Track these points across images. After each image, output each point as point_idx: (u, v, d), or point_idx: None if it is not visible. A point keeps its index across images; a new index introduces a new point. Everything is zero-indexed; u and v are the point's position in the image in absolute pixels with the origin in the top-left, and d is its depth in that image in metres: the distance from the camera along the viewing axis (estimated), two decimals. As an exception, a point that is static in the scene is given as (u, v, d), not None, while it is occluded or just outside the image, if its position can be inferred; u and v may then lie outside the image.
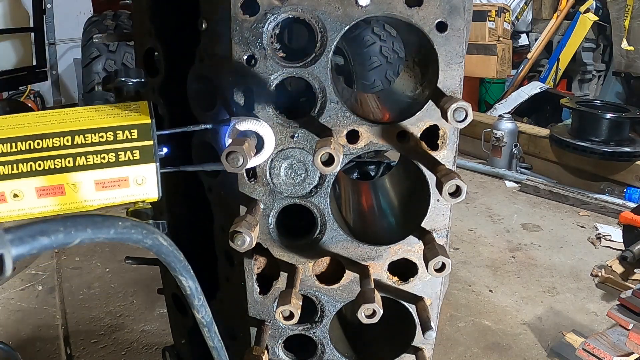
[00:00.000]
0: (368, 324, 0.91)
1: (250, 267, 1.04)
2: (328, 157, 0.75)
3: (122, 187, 0.88)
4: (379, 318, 0.88)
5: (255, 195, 0.98)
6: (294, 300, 0.88)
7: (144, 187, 0.89)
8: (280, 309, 0.88)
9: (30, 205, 0.85)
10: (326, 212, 0.98)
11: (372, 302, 0.86)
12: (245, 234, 0.80)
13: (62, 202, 0.87)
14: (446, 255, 0.86)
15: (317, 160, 0.75)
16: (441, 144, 0.96)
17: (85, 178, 0.86)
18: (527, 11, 6.56)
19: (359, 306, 0.87)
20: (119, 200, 0.89)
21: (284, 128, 0.94)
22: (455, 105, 0.77)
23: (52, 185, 0.85)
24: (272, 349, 1.12)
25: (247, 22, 0.90)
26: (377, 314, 0.87)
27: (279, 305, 0.89)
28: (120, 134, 0.87)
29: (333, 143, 0.76)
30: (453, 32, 0.91)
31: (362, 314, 0.87)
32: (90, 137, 0.86)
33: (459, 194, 0.80)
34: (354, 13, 0.88)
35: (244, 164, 0.75)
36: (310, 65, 0.91)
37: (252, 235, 0.80)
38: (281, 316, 0.89)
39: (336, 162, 0.76)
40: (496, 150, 4.83)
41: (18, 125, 0.86)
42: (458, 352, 2.44)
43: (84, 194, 0.87)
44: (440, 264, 0.86)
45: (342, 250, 1.01)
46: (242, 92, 0.93)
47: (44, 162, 0.84)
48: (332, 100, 0.92)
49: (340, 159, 0.76)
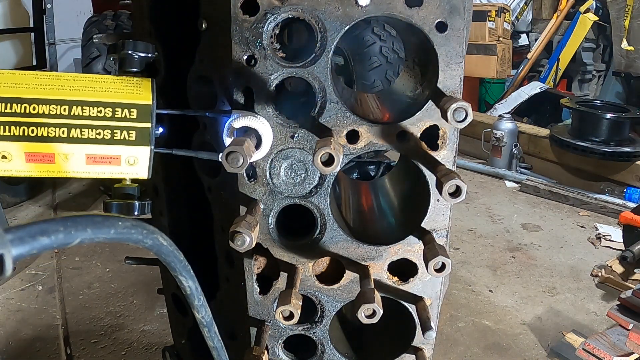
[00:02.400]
0: (368, 324, 0.91)
1: (250, 267, 1.04)
2: (328, 157, 0.75)
3: (113, 165, 0.87)
4: (379, 318, 0.88)
5: (255, 196, 0.98)
6: (294, 300, 0.88)
7: (134, 167, 0.88)
8: (280, 309, 0.88)
9: (17, 168, 0.84)
10: (326, 212, 0.98)
11: (372, 302, 0.86)
12: (245, 234, 0.80)
13: (50, 169, 0.86)
14: (446, 255, 0.86)
15: (317, 160, 0.75)
16: (441, 144, 0.96)
17: (77, 150, 0.85)
18: (527, 11, 6.57)
19: (359, 306, 0.87)
20: (107, 175, 0.88)
21: (284, 128, 0.94)
22: (456, 105, 0.77)
23: (43, 152, 0.84)
24: (272, 349, 1.12)
25: (247, 22, 0.90)
26: (377, 314, 0.87)
27: (278, 306, 0.89)
28: (119, 112, 0.85)
29: (333, 143, 0.76)
30: (453, 32, 0.91)
31: (362, 314, 0.87)
32: (88, 110, 0.84)
33: (459, 194, 0.80)
34: (354, 13, 0.88)
35: (244, 164, 0.74)
36: (310, 66, 0.91)
37: (252, 235, 0.80)
38: (281, 316, 0.89)
39: (336, 162, 0.76)
40: (496, 150, 4.83)
41: (15, 84, 0.83)
42: (458, 352, 2.44)
43: (73, 165, 0.86)
44: (440, 264, 0.86)
45: (342, 250, 1.01)
46: (242, 92, 0.93)
47: (37, 128, 0.82)
48: (332, 100, 0.92)
49: (340, 159, 0.76)
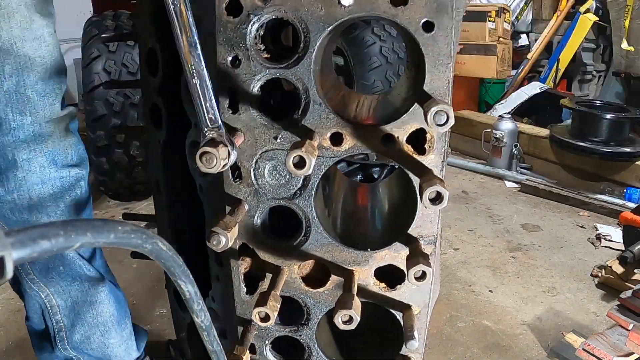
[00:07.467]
0: (355, 329, 0.89)
1: (236, 267, 1.03)
2: (299, 160, 0.74)
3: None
4: (356, 324, 0.86)
5: (240, 196, 0.98)
6: (271, 302, 0.87)
7: None
8: (257, 310, 0.87)
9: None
10: (310, 214, 0.97)
11: (349, 308, 0.85)
12: (220, 235, 0.79)
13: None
14: (427, 264, 0.84)
15: (288, 163, 0.74)
16: (428, 149, 0.93)
17: None
18: (527, 11, 6.54)
19: (337, 311, 0.86)
20: None
21: (267, 129, 0.93)
22: (436, 108, 0.75)
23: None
24: (260, 349, 1.11)
25: (230, 23, 0.89)
26: (354, 320, 0.85)
27: (255, 306, 0.88)
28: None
29: (306, 145, 0.74)
30: (440, 32, 0.88)
31: (339, 320, 0.86)
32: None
33: (440, 200, 0.78)
34: (337, 13, 0.87)
35: (217, 165, 0.74)
36: (294, 66, 0.90)
37: (227, 235, 0.80)
38: (257, 317, 0.88)
39: (307, 165, 0.74)
40: (496, 151, 4.81)
41: None
42: (458, 353, 2.43)
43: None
44: (421, 273, 0.84)
45: (327, 254, 1.00)
46: (226, 93, 0.92)
47: None
48: (315, 101, 0.91)
49: (312, 162, 0.75)
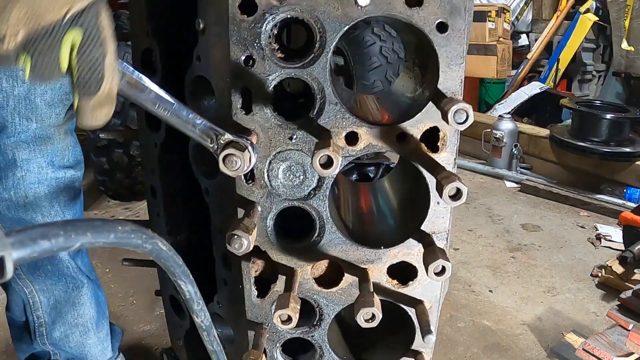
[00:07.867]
0: (367, 327, 0.90)
1: (247, 270, 1.03)
2: (327, 160, 0.74)
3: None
4: (378, 322, 0.87)
5: (253, 198, 0.97)
6: (292, 304, 0.87)
7: None
8: (279, 313, 0.87)
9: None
10: (324, 214, 0.97)
11: (371, 306, 0.85)
12: (242, 237, 0.79)
13: None
14: (446, 259, 0.85)
15: (315, 163, 0.74)
16: (441, 146, 0.95)
17: None
18: (527, 11, 6.55)
19: (358, 310, 0.86)
20: None
21: (282, 129, 0.93)
22: (456, 107, 0.76)
23: None
24: (271, 352, 1.11)
25: (245, 22, 0.89)
26: (376, 317, 0.86)
27: (277, 309, 0.88)
28: None
29: (332, 145, 0.74)
30: (454, 33, 0.90)
31: (361, 318, 0.86)
32: None
33: (460, 196, 0.79)
34: (354, 13, 0.87)
35: (241, 167, 0.73)
36: (309, 66, 0.89)
37: (249, 238, 0.79)
38: (279, 320, 0.88)
39: (335, 165, 0.75)
40: (496, 151, 4.81)
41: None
42: (458, 353, 2.43)
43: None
44: (441, 268, 0.85)
45: (341, 253, 1.00)
46: (240, 93, 0.92)
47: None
48: (331, 101, 0.91)
49: (339, 161, 0.75)
